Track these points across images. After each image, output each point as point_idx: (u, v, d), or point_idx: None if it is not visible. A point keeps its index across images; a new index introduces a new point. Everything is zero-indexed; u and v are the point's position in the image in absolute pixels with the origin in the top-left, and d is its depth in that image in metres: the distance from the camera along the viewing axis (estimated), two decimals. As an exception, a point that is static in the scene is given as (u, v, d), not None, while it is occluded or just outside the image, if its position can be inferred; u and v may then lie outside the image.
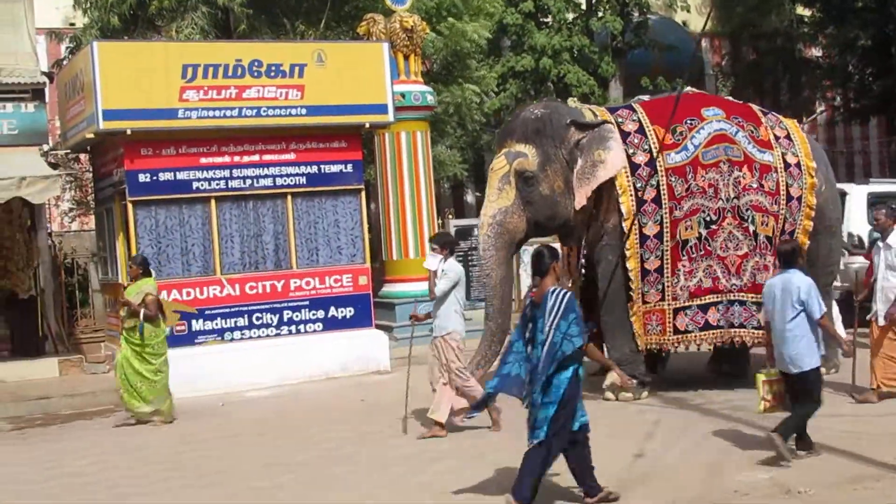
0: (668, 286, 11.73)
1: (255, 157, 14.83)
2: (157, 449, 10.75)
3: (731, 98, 14.43)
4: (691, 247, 11.73)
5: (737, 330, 11.80)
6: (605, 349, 11.62)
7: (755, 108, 12.98)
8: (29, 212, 16.34)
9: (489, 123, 27.01)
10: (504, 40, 29.10)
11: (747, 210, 11.85)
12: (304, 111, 14.80)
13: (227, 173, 14.66)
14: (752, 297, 11.63)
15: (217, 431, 11.60)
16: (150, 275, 12.35)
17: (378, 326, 15.69)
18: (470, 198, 28.78)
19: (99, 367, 15.45)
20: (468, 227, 19.55)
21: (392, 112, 15.55)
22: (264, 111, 14.60)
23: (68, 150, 17.76)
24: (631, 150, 11.82)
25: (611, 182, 11.65)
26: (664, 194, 11.72)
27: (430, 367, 10.60)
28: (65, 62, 20.46)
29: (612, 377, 7.29)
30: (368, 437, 10.74)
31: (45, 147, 16.66)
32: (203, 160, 14.53)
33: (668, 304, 11.76)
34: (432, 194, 18.15)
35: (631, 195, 11.67)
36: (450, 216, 21.99)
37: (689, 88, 13.10)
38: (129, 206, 14.21)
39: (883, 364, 10.91)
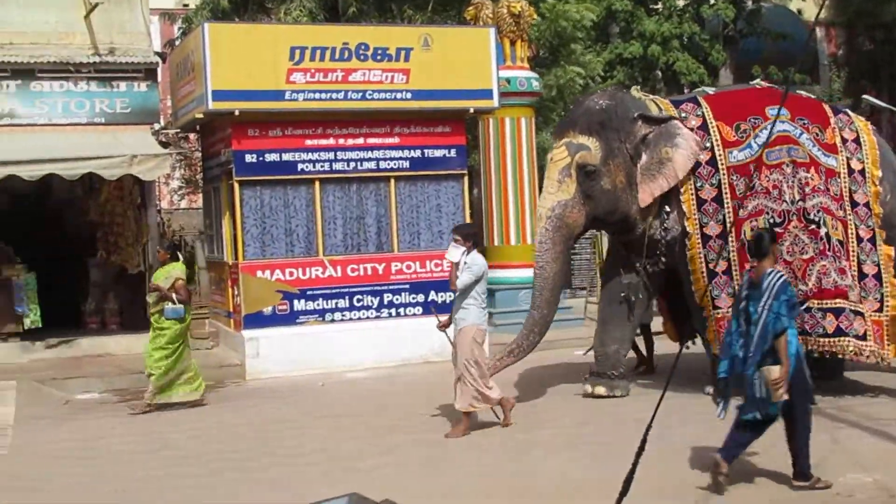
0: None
1: (360, 141, 14.92)
2: (255, 426, 10.89)
3: (803, 93, 13.47)
4: None
5: (804, 338, 11.07)
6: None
7: (826, 106, 12.42)
8: (139, 189, 16.69)
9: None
10: (612, 26, 28.83)
11: (817, 212, 11.27)
12: (409, 95, 14.83)
13: (331, 156, 14.78)
14: (817, 304, 11.07)
15: (316, 411, 11.72)
16: (178, 259, 12.34)
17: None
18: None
19: (203, 342, 15.73)
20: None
21: (497, 97, 15.49)
22: (370, 94, 14.66)
23: (178, 130, 18.11)
24: None
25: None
26: (726, 193, 11.29)
27: (453, 358, 10.38)
28: (177, 43, 20.86)
29: (774, 372, 7.41)
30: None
31: (157, 126, 17.00)
32: (308, 142, 14.68)
33: None
34: (535, 181, 18.03)
35: (692, 194, 11.31)
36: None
37: (758, 82, 12.55)
38: (236, 185, 14.44)
39: None
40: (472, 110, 15.60)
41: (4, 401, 12.47)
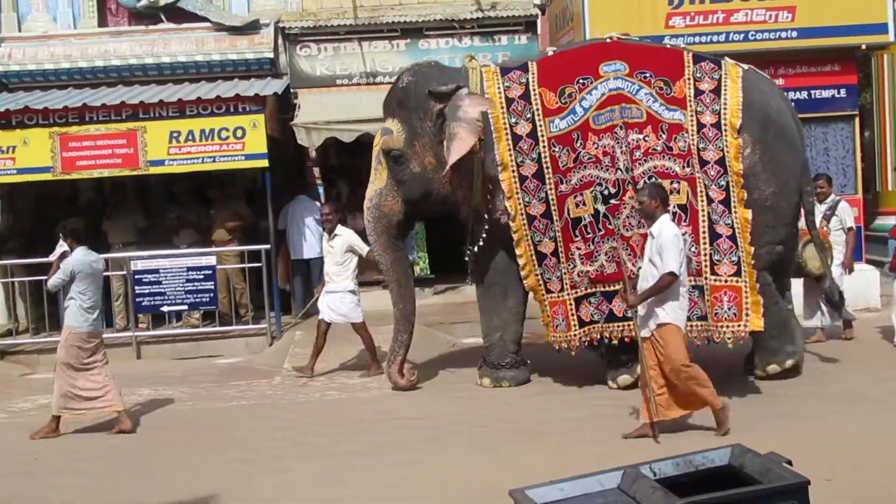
0: (565, 273, 9.99)
1: (742, 83, 14.46)
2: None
3: (667, 45, 11.04)
4: (586, 226, 9.87)
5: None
6: None
7: (688, 55, 10.20)
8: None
9: None
10: None
11: (651, 178, 9.59)
12: (794, 34, 14.23)
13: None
14: None
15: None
16: None
17: (868, 261, 14.85)
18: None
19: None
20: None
21: (893, 31, 14.53)
22: (752, 35, 14.22)
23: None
24: (514, 120, 10.08)
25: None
26: (547, 168, 9.95)
27: None
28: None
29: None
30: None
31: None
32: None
33: (568, 294, 10.00)
34: (935, 120, 16.76)
35: (513, 171, 10.02)
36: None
37: (612, 35, 10.48)
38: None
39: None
40: (863, 46, 14.76)
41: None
